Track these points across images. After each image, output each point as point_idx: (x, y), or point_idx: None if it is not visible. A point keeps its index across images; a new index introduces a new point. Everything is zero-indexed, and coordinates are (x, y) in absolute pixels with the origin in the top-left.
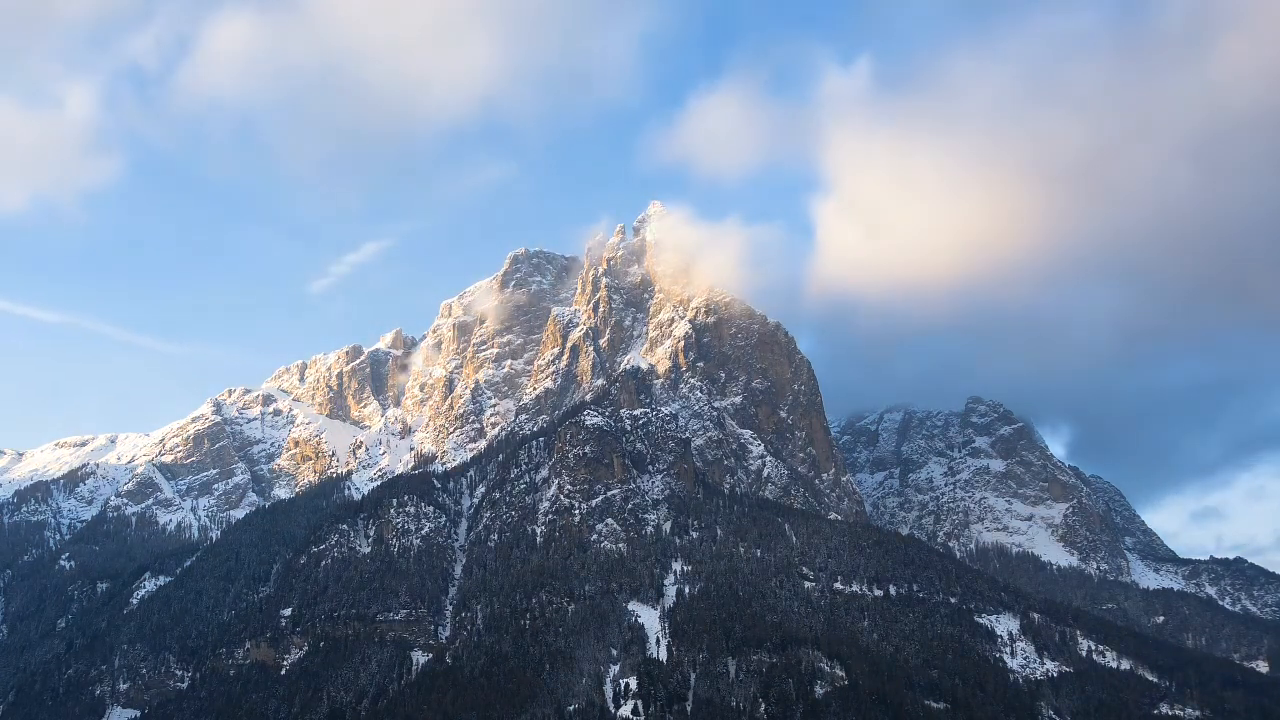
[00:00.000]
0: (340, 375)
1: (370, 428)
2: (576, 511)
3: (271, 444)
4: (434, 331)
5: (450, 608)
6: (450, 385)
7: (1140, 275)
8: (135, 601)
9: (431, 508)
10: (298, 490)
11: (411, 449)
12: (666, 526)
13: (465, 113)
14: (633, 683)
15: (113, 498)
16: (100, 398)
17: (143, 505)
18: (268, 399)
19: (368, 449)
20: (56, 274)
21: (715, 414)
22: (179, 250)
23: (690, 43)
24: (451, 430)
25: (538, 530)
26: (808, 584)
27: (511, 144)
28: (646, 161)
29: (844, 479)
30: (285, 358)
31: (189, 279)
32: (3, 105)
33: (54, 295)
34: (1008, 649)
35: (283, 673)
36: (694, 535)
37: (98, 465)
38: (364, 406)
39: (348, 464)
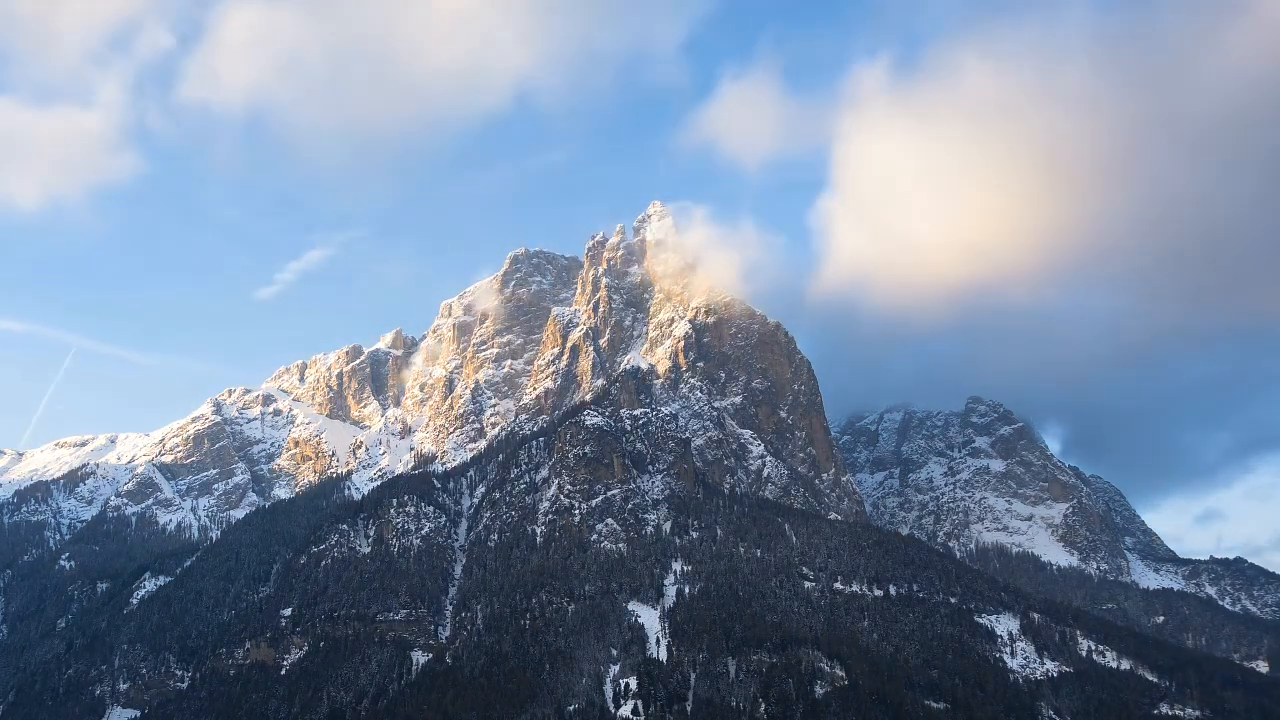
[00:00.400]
0: (340, 375)
1: (370, 428)
2: (576, 511)
3: (271, 444)
4: (434, 331)
5: (450, 608)
6: (450, 385)
7: (1142, 275)
8: (135, 601)
9: (431, 508)
10: (298, 490)
11: (411, 449)
12: (666, 526)
13: (497, 103)
14: (633, 683)
15: (113, 498)
16: (98, 406)
17: (143, 505)
18: (268, 399)
19: (368, 449)
20: (60, 282)
21: (715, 414)
22: (183, 253)
23: (720, 32)
24: (451, 430)
25: (538, 530)
26: (808, 584)
27: (542, 135)
28: (674, 149)
29: (844, 479)
30: (285, 358)
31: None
32: (17, 103)
33: (51, 308)
34: (1008, 649)
35: (283, 673)
36: (694, 535)
37: (98, 465)
38: (364, 406)
39: (348, 464)
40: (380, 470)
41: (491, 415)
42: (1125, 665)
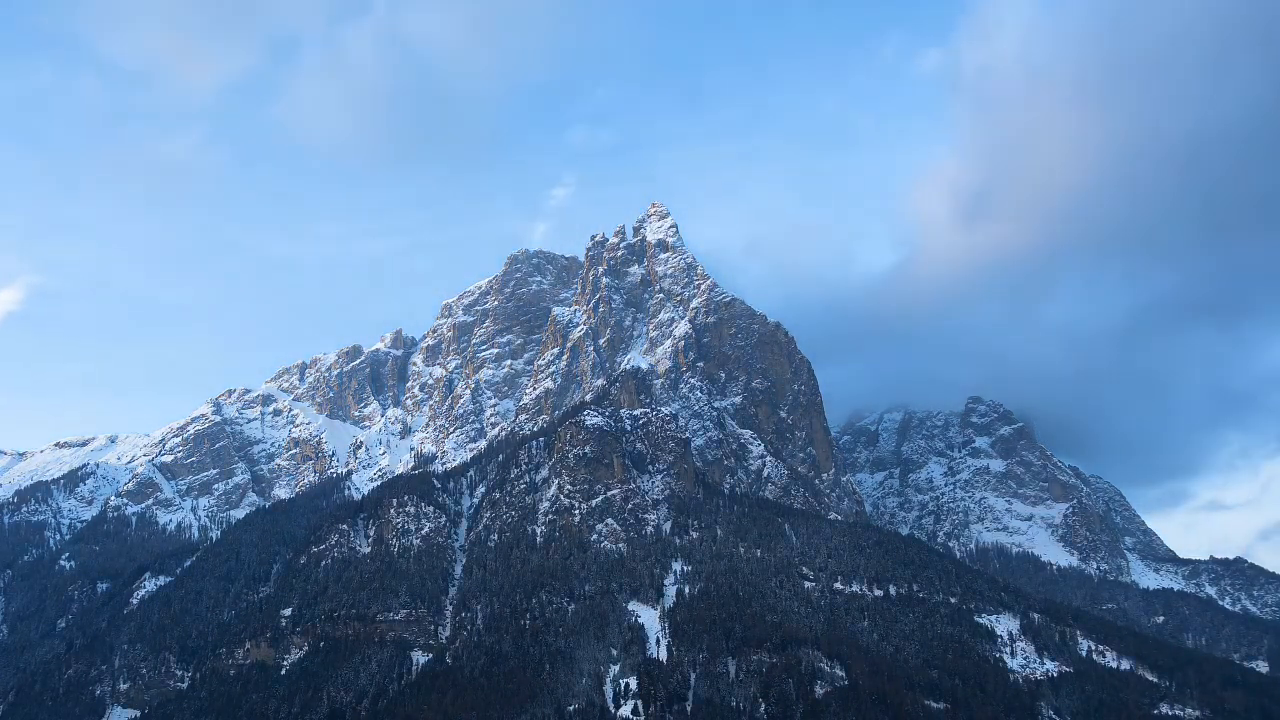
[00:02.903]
0: (340, 375)
1: (370, 428)
2: (576, 511)
3: (271, 444)
4: (434, 331)
5: (450, 608)
6: (450, 385)
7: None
8: (135, 601)
9: (431, 508)
10: (298, 490)
11: (411, 449)
12: (666, 526)
13: None
14: (633, 683)
15: (113, 498)
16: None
17: (143, 505)
18: (267, 399)
19: (368, 449)
20: None
21: (715, 414)
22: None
23: None
24: (451, 430)
25: (538, 530)
26: (808, 584)
27: None
28: None
29: (844, 479)
30: (286, 358)
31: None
32: None
33: None
34: (1008, 649)
35: (283, 673)
36: (694, 535)
37: (98, 465)
38: (364, 406)
39: (348, 464)
40: (380, 470)
41: (491, 415)
42: (1125, 665)
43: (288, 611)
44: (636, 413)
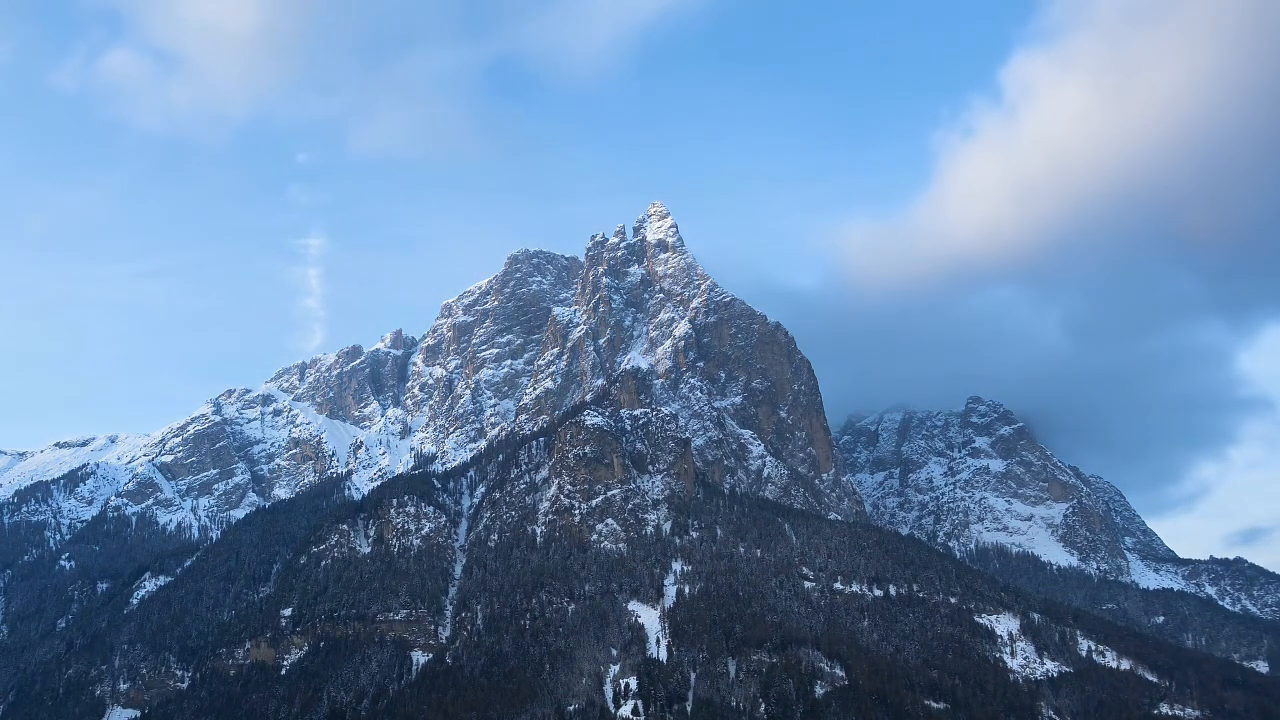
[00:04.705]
0: (340, 375)
1: (370, 428)
2: (576, 511)
3: (271, 444)
4: (434, 331)
5: (450, 608)
6: (450, 385)
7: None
8: (135, 601)
9: (431, 508)
10: (298, 490)
11: (411, 449)
12: (666, 526)
13: None
14: (633, 683)
15: (113, 498)
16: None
17: (143, 505)
18: (267, 399)
19: (368, 449)
20: None
21: (715, 414)
22: None
23: None
24: (451, 430)
25: (538, 530)
26: (808, 584)
27: None
28: None
29: (844, 479)
30: (286, 358)
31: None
32: None
33: None
34: (1008, 649)
35: (283, 673)
36: (694, 535)
37: (98, 465)
38: (364, 406)
39: (348, 464)
40: (380, 470)
41: (491, 415)
42: (1125, 665)
43: (288, 611)
44: (636, 413)
